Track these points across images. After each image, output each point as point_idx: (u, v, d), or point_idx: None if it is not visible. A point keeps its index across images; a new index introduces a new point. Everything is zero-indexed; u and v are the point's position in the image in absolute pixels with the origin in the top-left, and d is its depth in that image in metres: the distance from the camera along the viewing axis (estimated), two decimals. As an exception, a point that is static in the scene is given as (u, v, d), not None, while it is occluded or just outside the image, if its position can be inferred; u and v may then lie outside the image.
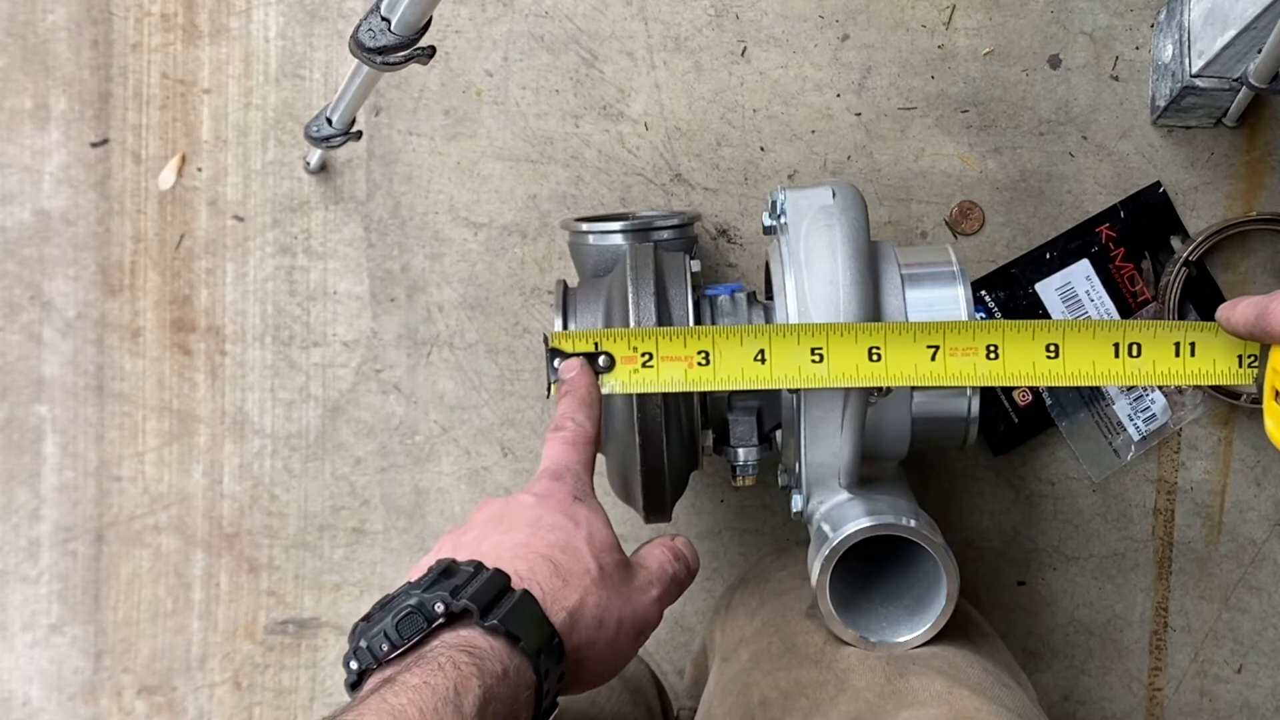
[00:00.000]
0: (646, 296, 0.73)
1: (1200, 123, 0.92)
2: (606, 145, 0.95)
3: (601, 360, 0.68)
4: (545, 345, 0.69)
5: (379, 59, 0.68)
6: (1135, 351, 0.66)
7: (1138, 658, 0.96)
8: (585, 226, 0.82)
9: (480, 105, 0.96)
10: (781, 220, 0.72)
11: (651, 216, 0.86)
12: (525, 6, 0.95)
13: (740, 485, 0.78)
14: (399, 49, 0.67)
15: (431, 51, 0.69)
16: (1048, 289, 0.93)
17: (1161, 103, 0.90)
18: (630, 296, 0.73)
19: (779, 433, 0.77)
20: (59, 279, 0.98)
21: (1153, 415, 0.94)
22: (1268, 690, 0.96)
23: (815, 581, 0.68)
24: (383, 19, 0.67)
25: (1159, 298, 0.93)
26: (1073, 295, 0.93)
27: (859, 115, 0.94)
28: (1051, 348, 0.67)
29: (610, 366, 0.68)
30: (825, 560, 0.67)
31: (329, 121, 0.85)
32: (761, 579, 0.83)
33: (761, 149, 0.95)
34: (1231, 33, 0.78)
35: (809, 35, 0.94)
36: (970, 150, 0.94)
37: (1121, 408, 0.94)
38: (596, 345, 0.68)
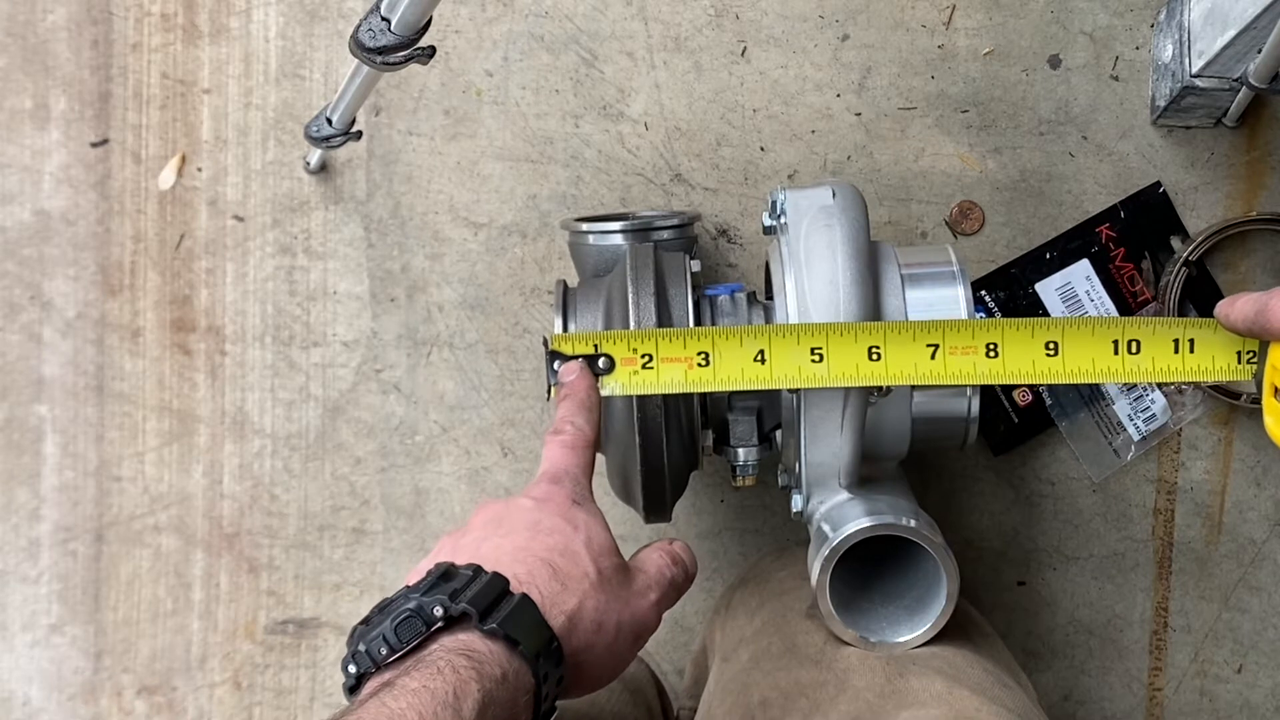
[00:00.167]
0: (646, 297, 0.73)
1: (1200, 123, 0.92)
2: (606, 145, 0.95)
3: (601, 362, 0.68)
4: (545, 347, 0.69)
5: (379, 59, 0.68)
6: (1134, 348, 0.66)
7: (1138, 658, 0.96)
8: (585, 226, 0.82)
9: (480, 105, 0.96)
10: (781, 220, 0.72)
11: (651, 216, 0.86)
12: (525, 6, 0.95)
13: (740, 485, 0.78)
14: (399, 49, 0.67)
15: (431, 51, 0.69)
16: (1048, 289, 0.93)
17: (1161, 103, 0.90)
18: (630, 297, 0.73)
19: (779, 433, 0.77)
20: (59, 279, 0.98)
21: (1153, 415, 0.94)
22: (1268, 690, 0.96)
23: (815, 581, 0.68)
24: (383, 19, 0.67)
25: (1159, 298, 0.93)
26: (1073, 295, 0.93)
27: (859, 115, 0.94)
28: (1051, 345, 0.67)
29: (610, 368, 0.68)
30: (825, 560, 0.67)
31: (329, 121, 0.85)
32: (761, 579, 0.83)
33: (761, 149, 0.95)
34: (1231, 33, 0.78)
35: (809, 35, 0.94)
36: (970, 150, 0.94)
37: (1121, 408, 0.94)
38: (596, 347, 0.68)
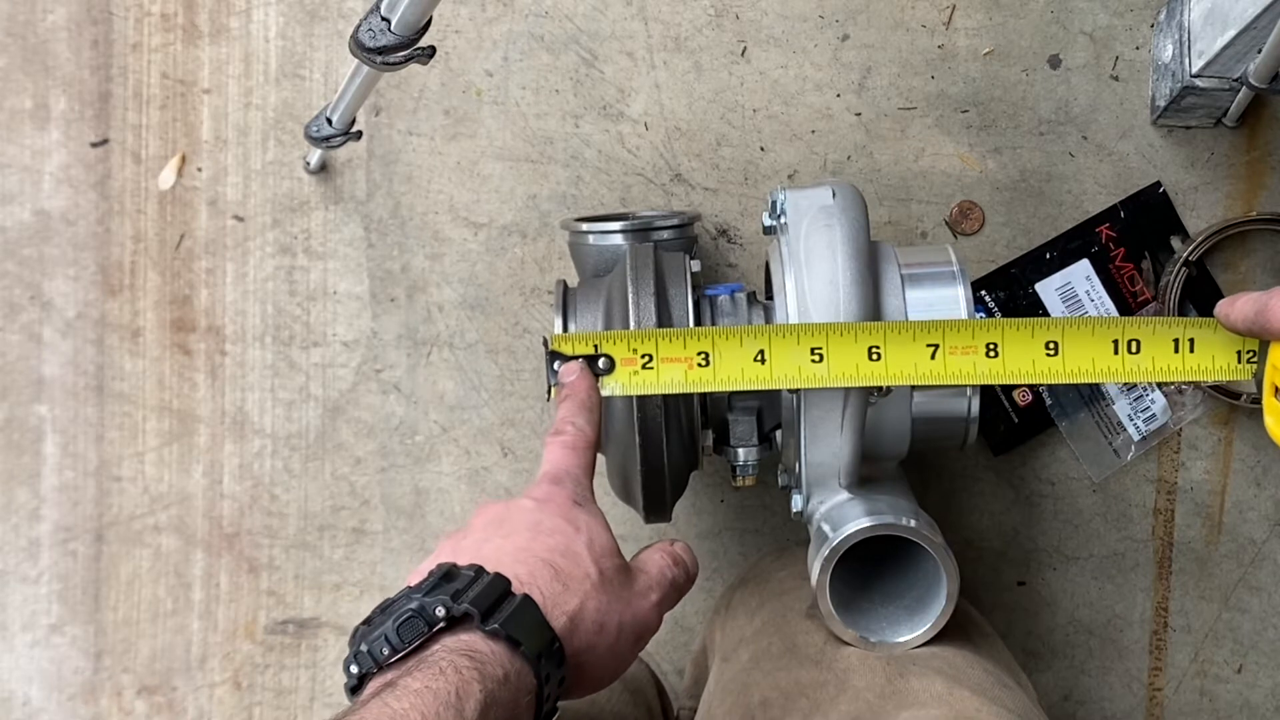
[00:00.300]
0: (646, 297, 0.73)
1: (1200, 123, 0.92)
2: (606, 145, 0.95)
3: (601, 362, 0.68)
4: (545, 348, 0.69)
5: (379, 59, 0.68)
6: (1134, 348, 0.66)
7: (1138, 658, 0.96)
8: (585, 226, 0.82)
9: (480, 105, 0.96)
10: (781, 220, 0.72)
11: (651, 216, 0.86)
12: (525, 6, 0.95)
13: (740, 485, 0.78)
14: (399, 49, 0.67)
15: (431, 51, 0.68)
16: (1048, 289, 0.93)
17: (1161, 103, 0.90)
18: (630, 297, 0.73)
19: (779, 433, 0.77)
20: (59, 279, 0.98)
21: (1153, 415, 0.94)
22: (1268, 690, 0.96)
23: (815, 581, 0.68)
24: (383, 19, 0.67)
25: (1159, 298, 0.93)
26: (1073, 295, 0.93)
27: (859, 115, 0.94)
28: (1051, 345, 0.67)
29: (610, 369, 0.68)
30: (825, 560, 0.67)
31: (329, 121, 0.85)
32: (761, 579, 0.83)
33: (761, 149, 0.95)
34: (1231, 33, 0.78)
35: (809, 35, 0.94)
36: (970, 150, 0.94)
37: (1121, 408, 0.94)
38: (596, 347, 0.68)
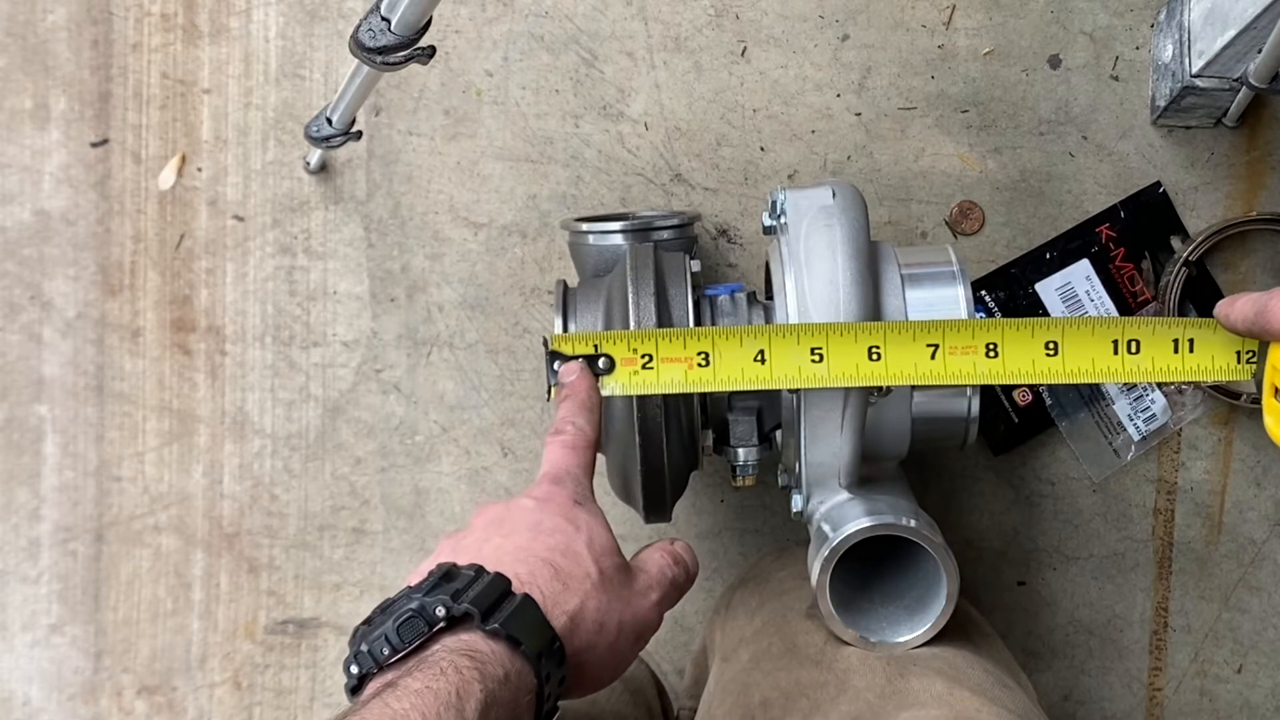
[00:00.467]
0: (646, 297, 0.73)
1: (1200, 123, 0.92)
2: (606, 145, 0.95)
3: (601, 362, 0.68)
4: (545, 348, 0.69)
5: (379, 59, 0.68)
6: (1134, 348, 0.66)
7: (1138, 658, 0.96)
8: (585, 226, 0.82)
9: (480, 105, 0.96)
10: (781, 220, 0.72)
11: (651, 216, 0.86)
12: (525, 6, 0.95)
13: (740, 485, 0.78)
14: (399, 49, 0.67)
15: (431, 51, 0.68)
16: (1048, 289, 0.93)
17: (1161, 103, 0.90)
18: (630, 297, 0.73)
19: (779, 433, 0.77)
20: (59, 279, 0.98)
21: (1153, 415, 0.94)
22: (1268, 690, 0.96)
23: (815, 581, 0.68)
24: (383, 19, 0.67)
25: (1159, 298, 0.93)
26: (1073, 295, 0.93)
27: (859, 115, 0.94)
28: (1051, 345, 0.67)
29: (610, 369, 0.68)
30: (825, 560, 0.67)
31: (329, 121, 0.85)
32: (761, 579, 0.83)
33: (761, 149, 0.95)
34: (1231, 33, 0.78)
35: (809, 35, 0.94)
36: (970, 150, 0.94)
37: (1121, 408, 0.94)
38: (596, 347, 0.68)
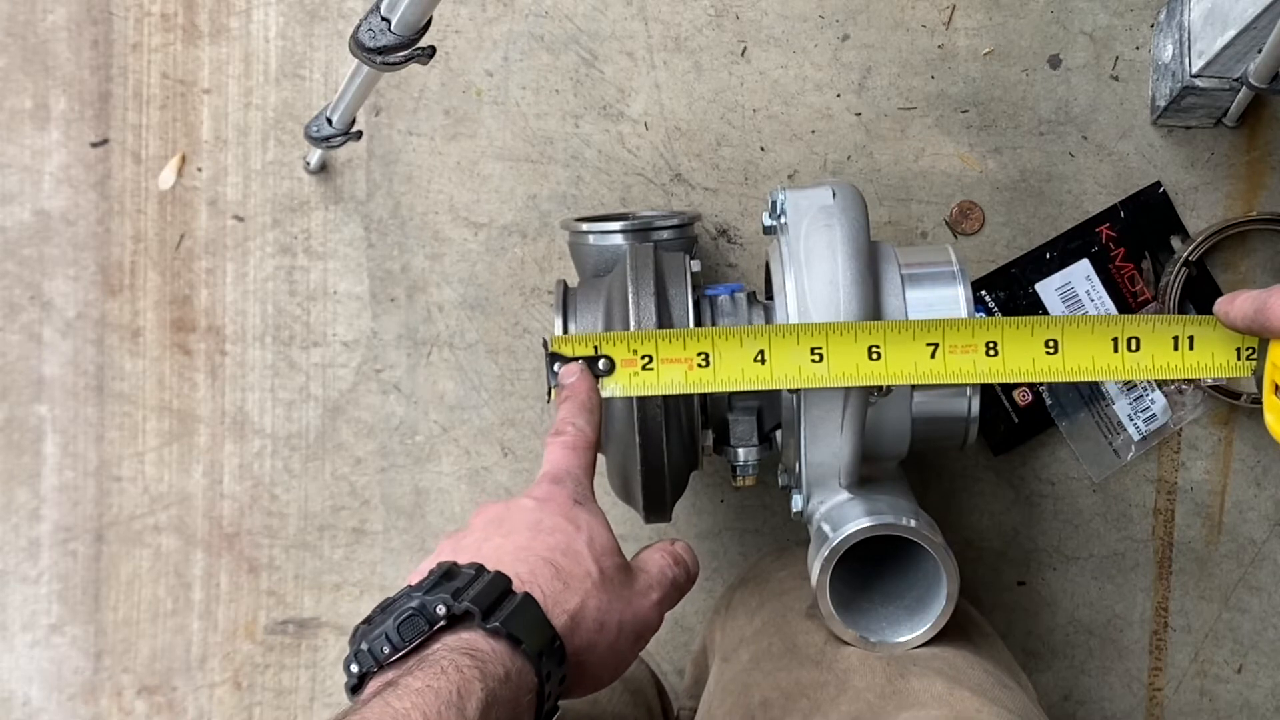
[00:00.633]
0: (646, 297, 0.73)
1: (1200, 123, 0.92)
2: (606, 145, 0.95)
3: (601, 364, 0.68)
4: (545, 350, 0.69)
5: (379, 59, 0.68)
6: (1134, 346, 0.66)
7: (1138, 658, 0.96)
8: (585, 226, 0.82)
9: (480, 105, 0.96)
10: (781, 220, 0.72)
11: (651, 216, 0.86)
12: (525, 6, 0.95)
13: (740, 485, 0.78)
14: (399, 49, 0.67)
15: (431, 51, 0.68)
16: (1048, 289, 0.93)
17: (1161, 103, 0.90)
18: (630, 297, 0.73)
19: (779, 433, 0.77)
20: (59, 279, 0.98)
21: (1153, 415, 0.94)
22: (1268, 690, 0.96)
23: (815, 581, 0.68)
24: (383, 19, 0.67)
25: (1159, 298, 0.93)
26: (1073, 295, 0.93)
27: (859, 115, 0.94)
28: (1051, 343, 0.67)
29: (610, 370, 0.68)
30: (825, 560, 0.67)
31: (329, 121, 0.85)
32: (761, 579, 0.83)
33: (761, 149, 0.95)
34: (1231, 33, 0.78)
35: (809, 35, 0.94)
36: (970, 150, 0.94)
37: (1121, 408, 0.94)
38: (596, 349, 0.68)
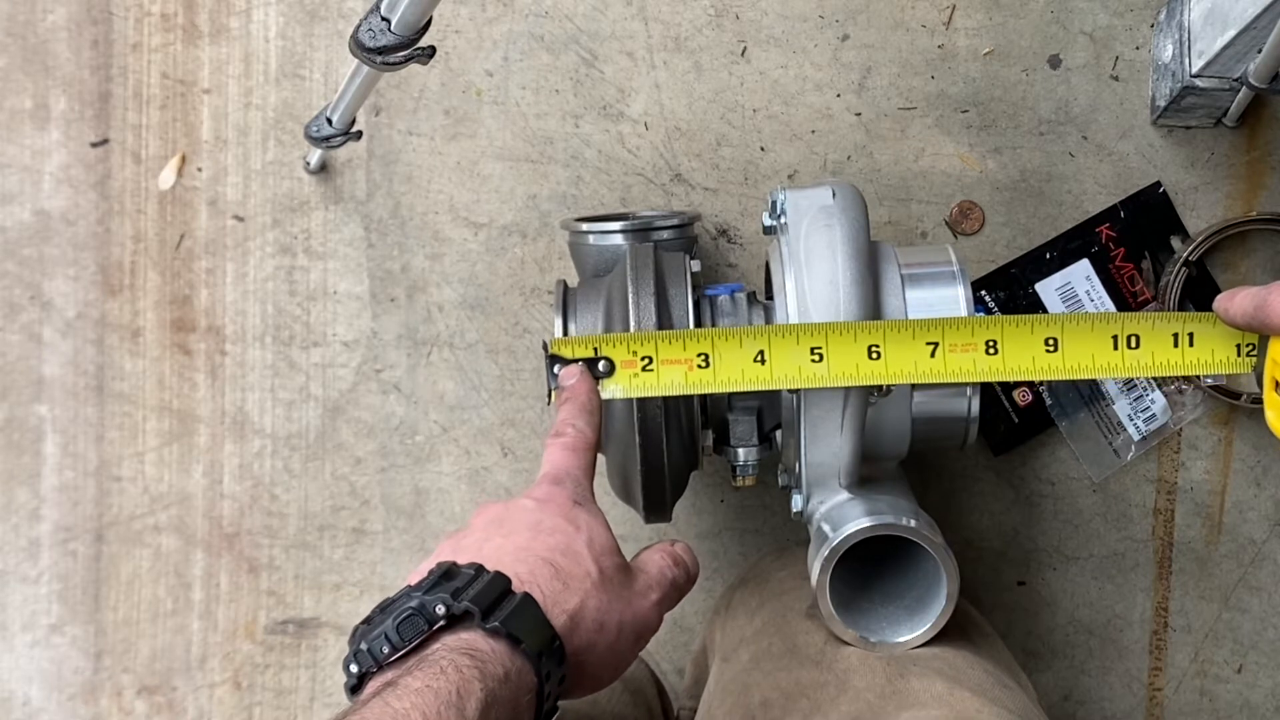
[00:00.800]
0: (646, 297, 0.73)
1: (1200, 123, 0.92)
2: (606, 145, 0.95)
3: (601, 365, 0.68)
4: (545, 351, 0.69)
5: (379, 59, 0.68)
6: (1134, 343, 0.66)
7: (1138, 658, 0.96)
8: (585, 226, 0.82)
9: (480, 105, 0.96)
10: (781, 220, 0.72)
11: (651, 216, 0.86)
12: (525, 6, 0.95)
13: (740, 485, 0.78)
14: (399, 49, 0.67)
15: (431, 51, 0.68)
16: (1048, 289, 0.93)
17: (1161, 103, 0.90)
18: (630, 297, 0.73)
19: (779, 433, 0.77)
20: (59, 279, 0.98)
21: (1153, 415, 0.94)
22: (1268, 690, 0.96)
23: (815, 582, 0.68)
24: (383, 19, 0.67)
25: (1159, 298, 0.93)
26: (1073, 295, 0.93)
27: (859, 115, 0.94)
28: (1050, 341, 0.67)
29: (610, 371, 0.68)
30: (825, 560, 0.67)
31: (329, 121, 0.85)
32: (761, 579, 0.83)
33: (761, 149, 0.95)
34: (1231, 33, 0.78)
35: (809, 35, 0.94)
36: (970, 150, 0.94)
37: (1121, 408, 0.94)
38: (596, 350, 0.68)
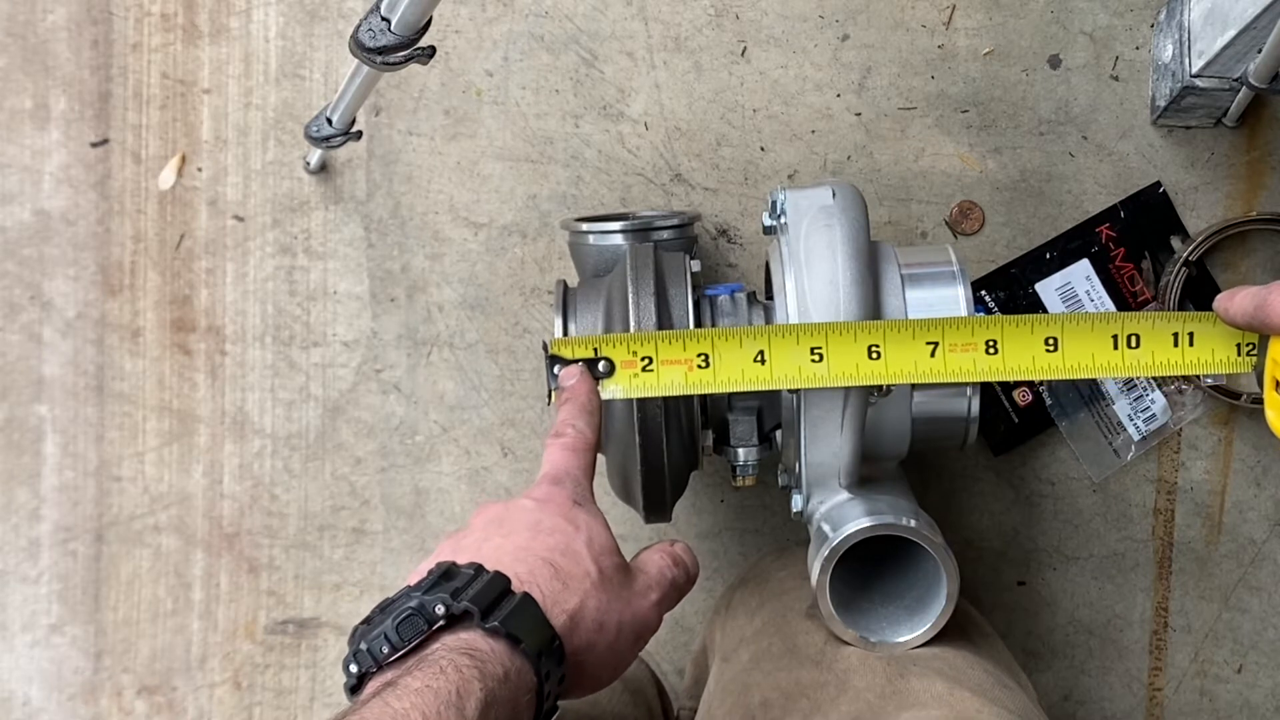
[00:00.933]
0: (646, 297, 0.73)
1: (1200, 123, 0.92)
2: (606, 145, 0.95)
3: (601, 365, 0.68)
4: (545, 352, 0.69)
5: (379, 59, 0.68)
6: (1134, 343, 0.66)
7: (1138, 658, 0.96)
8: (585, 226, 0.82)
9: (480, 105, 0.96)
10: (781, 220, 0.72)
11: (651, 216, 0.86)
12: (525, 6, 0.95)
13: (740, 485, 0.78)
14: (399, 49, 0.67)
15: (431, 51, 0.68)
16: (1048, 289, 0.93)
17: (1161, 103, 0.90)
18: (630, 297, 0.73)
19: (779, 433, 0.77)
20: (59, 279, 0.98)
21: (1153, 415, 0.94)
22: (1268, 690, 0.96)
23: (815, 581, 0.68)
24: (383, 19, 0.67)
25: (1159, 298, 0.93)
26: (1073, 295, 0.93)
27: (859, 115, 0.94)
28: (1050, 341, 0.66)
29: (610, 372, 0.68)
30: (825, 560, 0.67)
31: (329, 121, 0.85)
32: (761, 579, 0.83)
33: (761, 149, 0.95)
34: (1231, 33, 0.78)
35: (809, 35, 0.94)
36: (970, 150, 0.94)
37: (1121, 407, 0.94)
38: (596, 350, 0.68)
